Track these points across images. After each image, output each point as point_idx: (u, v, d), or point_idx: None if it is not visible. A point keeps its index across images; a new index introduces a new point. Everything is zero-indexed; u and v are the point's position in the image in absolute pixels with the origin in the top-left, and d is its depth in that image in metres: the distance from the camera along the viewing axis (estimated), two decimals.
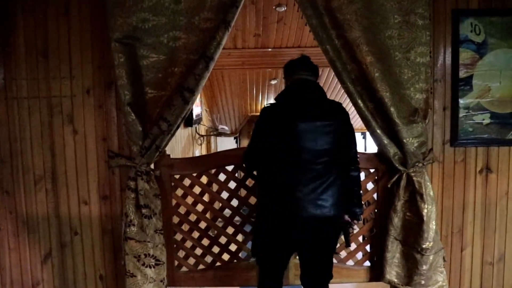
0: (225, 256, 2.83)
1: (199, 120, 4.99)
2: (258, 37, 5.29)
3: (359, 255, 2.84)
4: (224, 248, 2.82)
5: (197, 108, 4.83)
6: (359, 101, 2.45)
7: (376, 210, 2.72)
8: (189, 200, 2.76)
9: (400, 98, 2.45)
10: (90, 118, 2.61)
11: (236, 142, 9.28)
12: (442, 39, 2.62)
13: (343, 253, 2.78)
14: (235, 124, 8.98)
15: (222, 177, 2.76)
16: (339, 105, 2.32)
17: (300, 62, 2.39)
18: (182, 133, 4.38)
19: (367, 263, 2.79)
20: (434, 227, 2.47)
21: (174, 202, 2.72)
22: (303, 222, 2.14)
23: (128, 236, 2.48)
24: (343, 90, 2.65)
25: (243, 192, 2.84)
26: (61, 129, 2.61)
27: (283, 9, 4.58)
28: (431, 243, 2.46)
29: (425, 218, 2.45)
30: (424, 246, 2.46)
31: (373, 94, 2.46)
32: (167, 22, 2.44)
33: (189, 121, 4.41)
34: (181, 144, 4.27)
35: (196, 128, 5.46)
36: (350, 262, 2.84)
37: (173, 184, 2.69)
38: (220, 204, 2.83)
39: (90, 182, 2.64)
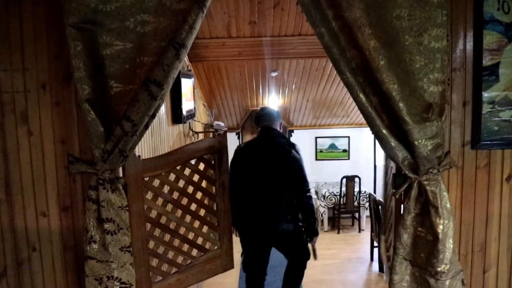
0: (194, 252, 2.90)
1: (191, 116, 4.64)
2: (254, 24, 4.97)
3: None
4: (193, 244, 2.86)
5: (188, 103, 4.48)
6: (361, 95, 2.05)
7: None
8: (159, 201, 2.58)
9: (411, 91, 2.05)
10: (46, 117, 2.26)
11: (238, 138, 8.92)
12: (462, 20, 2.21)
13: None
14: (236, 119, 8.65)
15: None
16: (294, 146, 3.47)
17: (262, 115, 3.58)
18: (170, 131, 4.04)
19: None
20: (451, 246, 2.08)
21: (146, 206, 2.40)
22: (277, 234, 3.48)
23: (88, 255, 2.14)
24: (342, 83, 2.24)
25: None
26: (14, 130, 2.26)
27: None
28: (448, 265, 2.08)
29: (440, 236, 2.05)
30: (439, 269, 2.07)
31: (377, 87, 2.06)
32: (133, 4, 2.07)
33: (178, 118, 4.07)
34: (169, 143, 3.93)
35: (190, 124, 5.12)
36: None
37: (144, 189, 2.36)
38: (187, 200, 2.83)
39: (48, 191, 2.30)
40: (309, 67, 6.38)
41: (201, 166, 2.91)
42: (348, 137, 9.42)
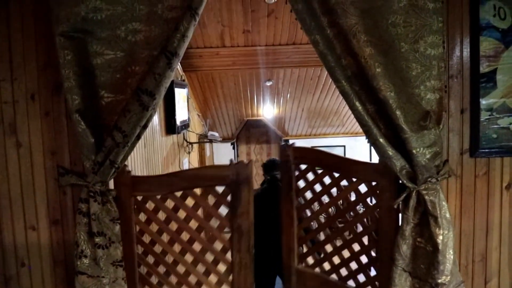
0: None
1: (185, 126, 4.59)
2: (248, 33, 4.95)
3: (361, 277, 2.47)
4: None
5: (182, 114, 4.43)
6: (357, 103, 2.01)
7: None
8: (155, 227, 2.35)
9: (408, 99, 2.01)
10: (36, 128, 2.20)
11: (234, 148, 8.88)
12: (458, 26, 2.18)
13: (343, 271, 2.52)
14: (231, 129, 8.62)
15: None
16: None
17: (271, 166, 4.00)
18: (164, 142, 3.98)
19: None
20: (451, 256, 2.02)
21: (138, 228, 2.30)
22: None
23: (79, 270, 2.07)
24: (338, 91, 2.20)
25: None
26: (2, 141, 2.20)
27: (273, 0, 4.16)
28: (449, 276, 2.02)
29: (440, 247, 2.00)
30: (440, 280, 2.01)
31: (374, 94, 2.02)
32: (124, 12, 2.04)
33: (172, 128, 4.02)
34: (162, 154, 3.87)
35: (184, 134, 5.06)
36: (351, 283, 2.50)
37: (135, 206, 2.27)
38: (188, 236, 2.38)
39: (38, 204, 2.23)
40: (304, 76, 6.36)
41: (211, 200, 2.41)
42: (344, 146, 9.40)
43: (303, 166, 2.66)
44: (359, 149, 9.23)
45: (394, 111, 1.98)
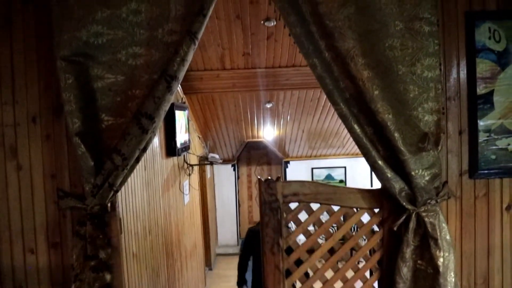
0: None
1: (185, 148, 4.60)
2: (248, 56, 5.00)
3: None
4: None
5: (183, 136, 4.45)
6: (355, 126, 2.02)
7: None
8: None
9: (406, 121, 2.03)
10: (36, 150, 2.21)
11: (234, 170, 8.88)
12: (454, 49, 2.20)
13: None
14: (231, 151, 8.63)
15: None
16: None
17: None
18: (164, 164, 3.98)
19: None
20: (453, 279, 2.01)
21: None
22: None
23: None
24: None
25: None
26: (2, 164, 2.20)
27: (272, 23, 4.23)
28: None
29: (441, 269, 1.98)
30: None
31: (372, 117, 2.04)
32: (125, 36, 2.06)
33: (172, 150, 4.03)
34: (163, 176, 3.87)
35: (184, 157, 5.07)
36: None
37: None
38: None
39: (37, 227, 2.22)
40: (304, 98, 6.39)
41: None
42: (345, 167, 9.38)
43: (293, 205, 2.22)
44: (360, 170, 9.21)
45: (392, 133, 1.99)
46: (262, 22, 4.30)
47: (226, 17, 4.32)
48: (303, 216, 2.23)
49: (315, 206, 2.21)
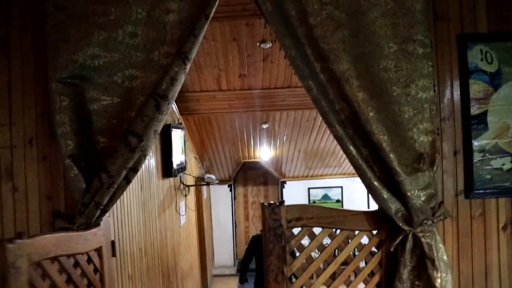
0: None
1: (182, 169, 4.59)
2: (244, 77, 5.04)
3: None
4: None
5: (179, 156, 4.45)
6: (351, 147, 2.03)
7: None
8: None
9: (401, 142, 2.04)
10: (32, 172, 2.20)
11: (231, 190, 8.85)
12: (447, 70, 2.23)
13: None
14: (228, 172, 8.62)
15: None
16: None
17: None
18: (161, 185, 3.98)
19: None
20: None
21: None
22: None
23: None
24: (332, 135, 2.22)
25: None
26: None
27: (268, 45, 4.28)
28: None
29: None
30: None
31: (367, 138, 2.05)
32: (121, 59, 2.08)
33: (168, 171, 4.02)
34: (159, 197, 3.85)
35: (181, 177, 5.06)
36: None
37: None
38: None
39: None
40: (300, 118, 6.43)
41: None
42: (341, 187, 9.37)
43: (296, 230, 2.17)
44: (356, 190, 9.20)
45: (388, 154, 2.00)
46: (258, 44, 4.35)
47: (223, 39, 4.37)
48: (305, 240, 2.18)
49: (316, 229, 2.19)
